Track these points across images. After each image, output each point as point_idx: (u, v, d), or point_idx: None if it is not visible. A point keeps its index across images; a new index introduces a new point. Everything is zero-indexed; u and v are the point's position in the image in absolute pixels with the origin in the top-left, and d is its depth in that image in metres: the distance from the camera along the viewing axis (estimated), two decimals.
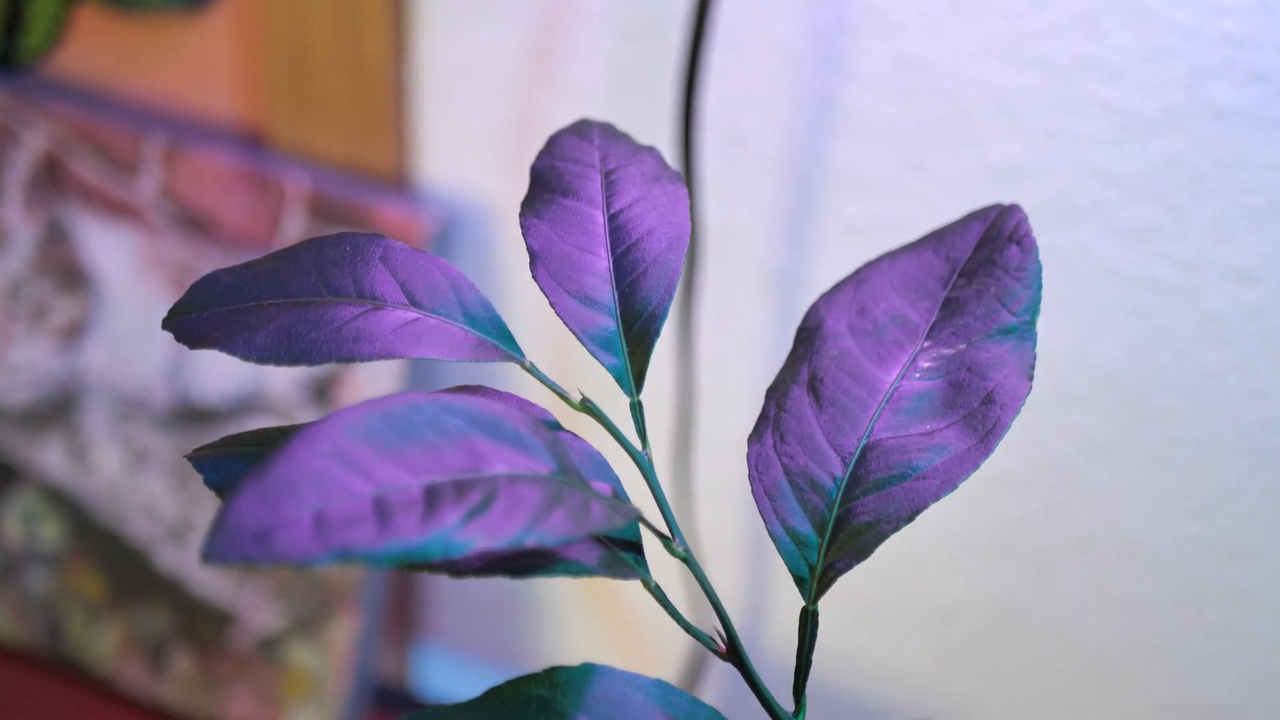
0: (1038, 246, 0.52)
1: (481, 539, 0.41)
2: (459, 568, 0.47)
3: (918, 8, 0.71)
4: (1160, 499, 0.77)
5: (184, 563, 0.91)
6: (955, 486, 0.48)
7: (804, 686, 0.50)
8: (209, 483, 0.48)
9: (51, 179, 0.90)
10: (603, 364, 0.49)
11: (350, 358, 0.47)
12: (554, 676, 0.46)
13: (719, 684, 0.91)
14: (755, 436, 0.51)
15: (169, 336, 0.88)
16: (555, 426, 0.49)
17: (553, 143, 0.54)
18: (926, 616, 0.86)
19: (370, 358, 0.47)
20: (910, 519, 0.48)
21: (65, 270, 0.91)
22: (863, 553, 0.48)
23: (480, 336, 0.48)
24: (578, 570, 0.48)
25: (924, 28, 0.71)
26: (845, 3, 0.72)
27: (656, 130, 0.77)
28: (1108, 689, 0.82)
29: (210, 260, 0.86)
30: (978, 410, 0.49)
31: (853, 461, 0.50)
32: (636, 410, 0.49)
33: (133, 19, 0.88)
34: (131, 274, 0.89)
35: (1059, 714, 0.85)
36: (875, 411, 0.50)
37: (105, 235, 0.89)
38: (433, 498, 0.41)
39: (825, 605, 0.87)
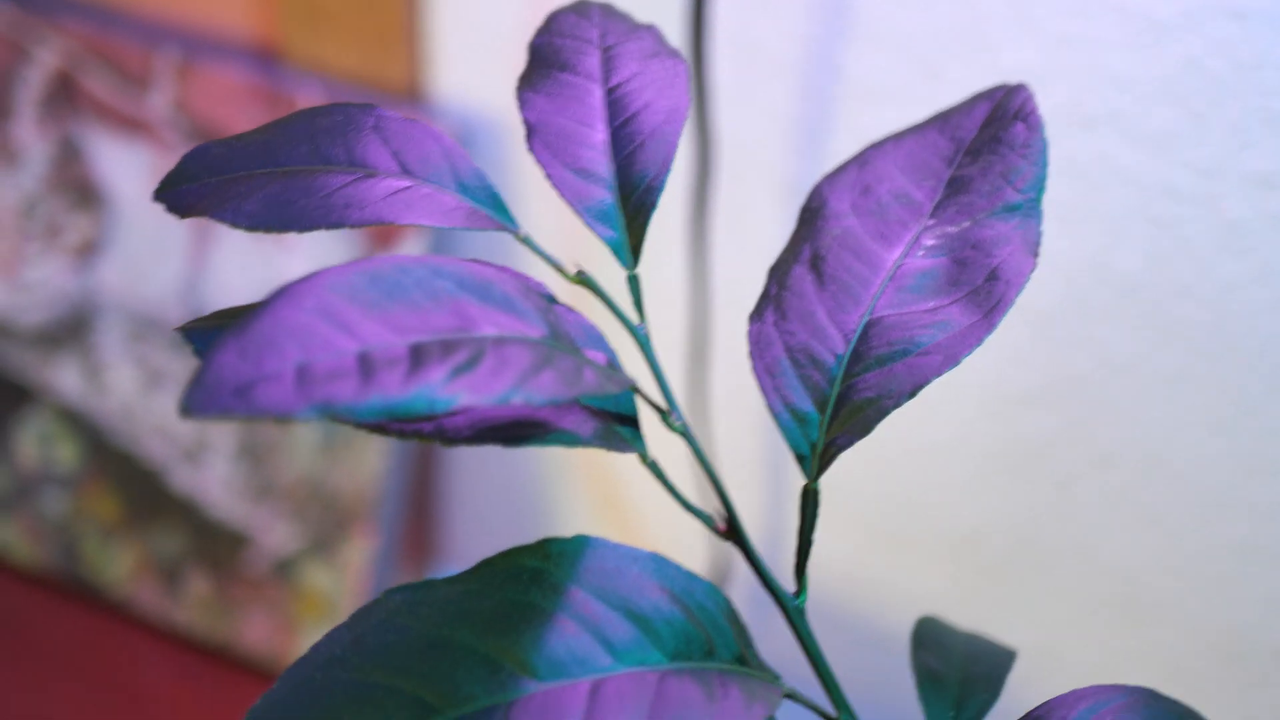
0: (1043, 124, 0.51)
1: (466, 395, 0.40)
2: (449, 435, 0.46)
3: None
4: (1182, 415, 0.76)
5: (199, 484, 0.90)
6: (958, 362, 0.47)
7: (805, 566, 0.49)
8: (199, 354, 0.48)
9: (64, 96, 0.90)
10: (600, 236, 0.48)
11: (339, 223, 0.46)
12: (547, 548, 0.46)
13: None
14: (756, 315, 0.50)
15: (184, 254, 0.88)
16: (550, 299, 0.48)
17: (551, 20, 0.53)
18: (947, 540, 0.85)
19: (360, 224, 0.46)
20: (912, 394, 0.47)
21: (78, 188, 0.90)
22: (864, 428, 0.47)
23: (473, 205, 0.47)
24: (572, 440, 0.47)
25: None
26: None
27: (672, 37, 0.76)
28: (1130, 610, 0.81)
29: None
30: (982, 287, 0.48)
31: (854, 338, 0.49)
32: (634, 283, 0.49)
33: None
34: (144, 191, 0.88)
35: (1082, 636, 0.84)
36: (878, 289, 0.49)
37: (118, 152, 0.89)
38: (418, 355, 0.40)
39: (845, 531, 0.86)
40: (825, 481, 0.85)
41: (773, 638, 0.77)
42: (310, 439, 0.87)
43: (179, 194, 0.49)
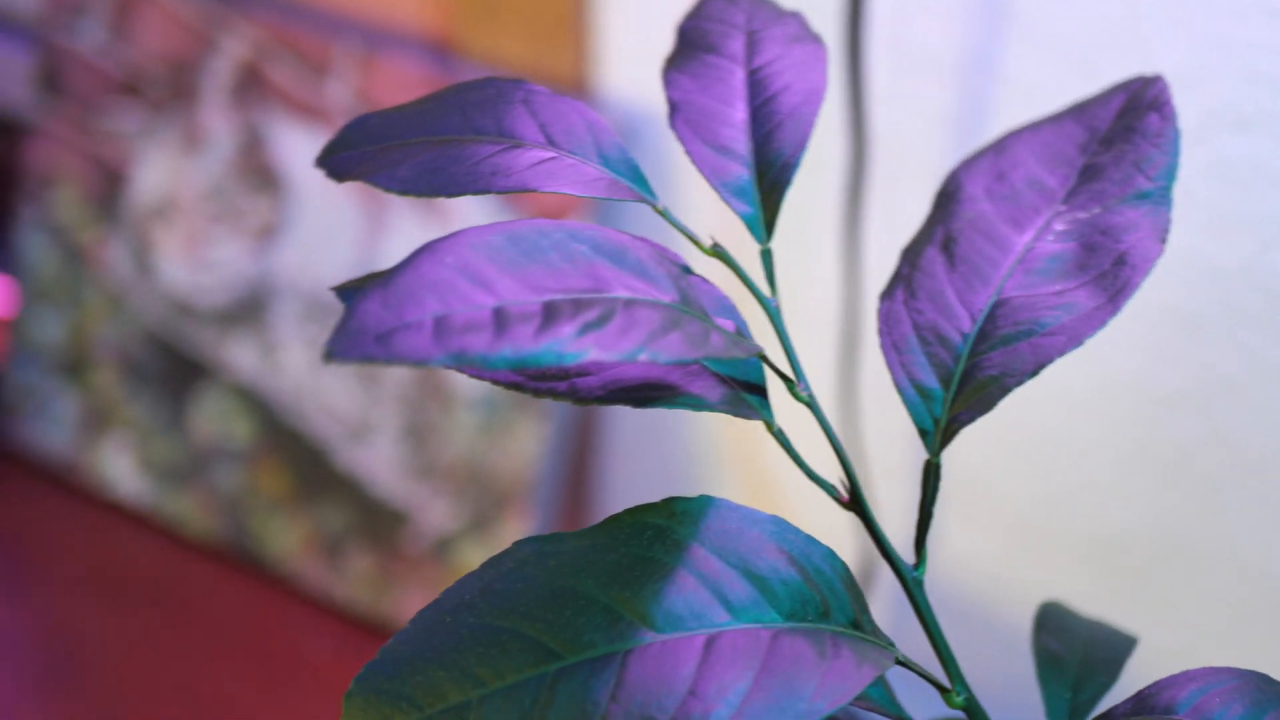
0: (1176, 114, 0.52)
1: (595, 351, 0.42)
2: (581, 394, 0.48)
3: None
4: None
5: (364, 463, 0.93)
6: (1080, 343, 0.48)
7: (924, 539, 0.50)
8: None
9: (250, 84, 0.93)
10: (735, 211, 0.50)
11: (486, 189, 0.48)
12: (672, 506, 0.47)
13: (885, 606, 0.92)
14: (887, 294, 0.52)
15: (356, 240, 0.91)
16: (685, 268, 0.50)
17: (701, 5, 0.55)
18: (1093, 542, 0.85)
19: (505, 190, 0.48)
20: (1034, 373, 0.48)
21: (260, 173, 0.94)
22: (986, 405, 0.48)
23: (614, 177, 0.49)
24: (699, 404, 0.49)
25: None
26: None
27: (825, 38, 0.77)
28: (1279, 617, 0.81)
29: None
30: (1109, 271, 0.49)
31: (981, 318, 0.50)
32: (766, 257, 0.50)
33: None
34: (322, 178, 0.92)
35: (1229, 645, 0.84)
36: (1007, 271, 0.51)
37: (298, 139, 0.92)
38: (550, 312, 0.42)
39: (992, 529, 0.87)
40: (972, 478, 0.86)
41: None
42: (471, 421, 0.90)
43: (338, 160, 0.51)
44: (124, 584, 1.00)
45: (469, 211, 0.87)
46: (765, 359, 0.48)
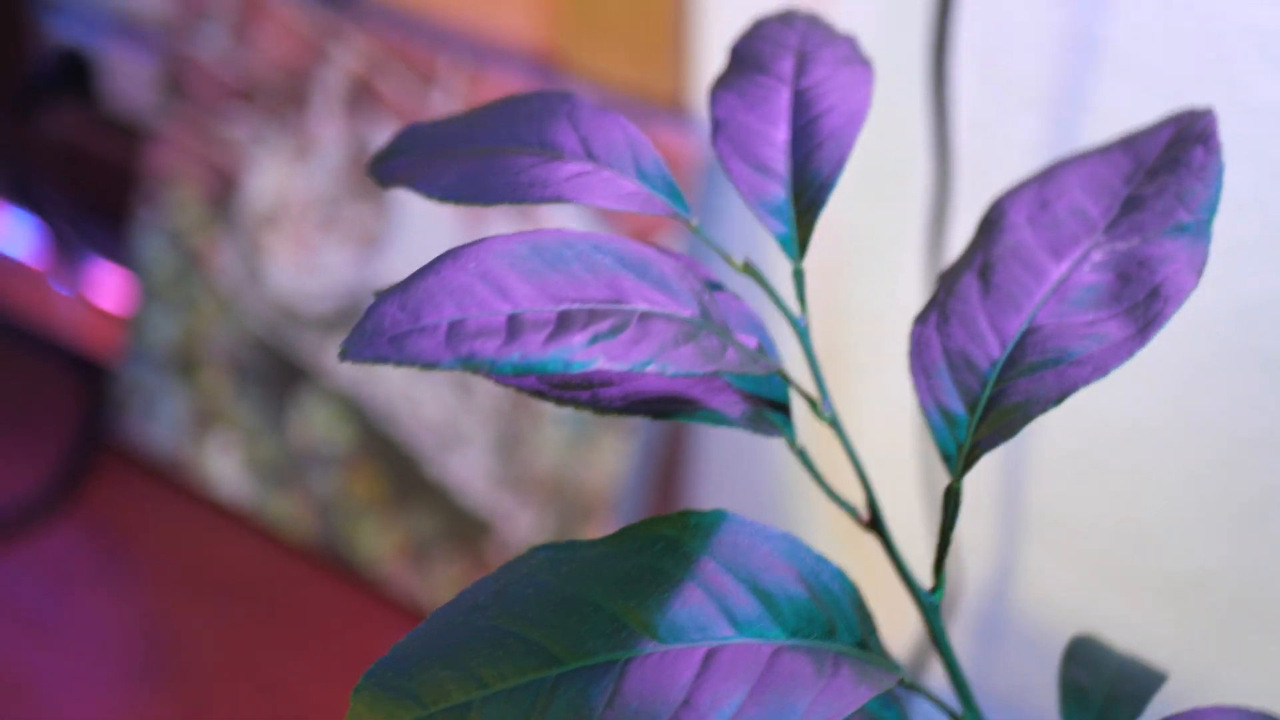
0: (1222, 147, 0.51)
1: (603, 360, 0.42)
2: (603, 404, 0.49)
3: None
4: None
5: (453, 471, 0.95)
6: (1106, 374, 0.48)
7: (943, 563, 0.50)
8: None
9: (359, 94, 0.95)
10: (770, 230, 0.51)
11: (523, 200, 0.49)
12: (685, 519, 0.48)
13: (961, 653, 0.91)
14: (920, 318, 0.52)
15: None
16: (715, 285, 0.50)
17: (756, 25, 0.56)
18: (1175, 582, 0.84)
19: (542, 200, 0.49)
20: (1057, 402, 0.48)
21: (367, 182, 0.96)
22: (1009, 432, 0.48)
23: (650, 191, 0.50)
24: (719, 419, 0.49)
25: None
26: None
27: (915, 65, 0.77)
28: None
29: None
30: (1142, 303, 0.49)
31: (1011, 344, 0.50)
32: (799, 277, 0.51)
33: None
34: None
35: None
36: (1041, 299, 0.51)
37: None
38: (564, 320, 0.43)
39: (1075, 566, 0.86)
40: (1056, 512, 0.86)
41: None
42: (559, 435, 0.91)
43: (388, 166, 0.52)
44: (220, 581, 1.02)
45: (563, 222, 0.88)
46: (786, 376, 0.48)
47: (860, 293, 0.86)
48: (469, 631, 0.47)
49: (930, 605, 0.50)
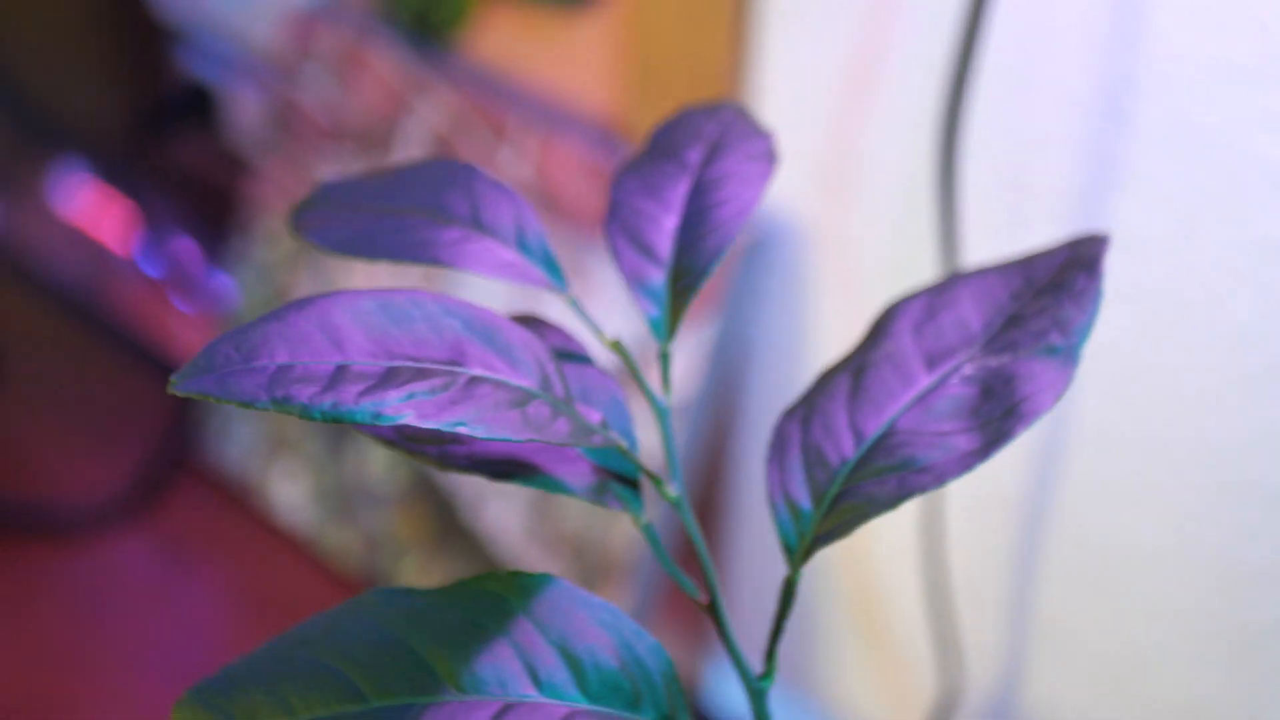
0: (1103, 275, 0.52)
1: (412, 416, 0.45)
2: (448, 461, 0.51)
3: (1202, 71, 0.70)
4: None
5: (490, 522, 0.97)
6: (944, 483, 0.49)
7: (775, 650, 0.51)
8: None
9: (439, 149, 0.98)
10: (643, 311, 0.52)
11: (408, 259, 0.52)
12: (515, 579, 0.50)
13: None
14: (788, 412, 0.53)
15: (508, 301, 0.95)
16: (579, 358, 0.52)
17: (681, 113, 0.58)
18: (1171, 708, 0.84)
19: (424, 262, 0.51)
20: (892, 506, 0.49)
21: None
22: (845, 531, 0.49)
23: (527, 262, 0.52)
24: (557, 487, 0.51)
25: (1205, 94, 0.71)
26: (1135, 61, 0.72)
27: (925, 165, 0.78)
28: None
29: (558, 236, 0.93)
30: (996, 419, 0.50)
31: (865, 446, 0.51)
32: (665, 359, 0.52)
33: (529, 9, 0.95)
34: None
35: None
36: (904, 406, 0.51)
37: None
38: (388, 376, 0.45)
39: (1077, 679, 0.86)
40: (1064, 625, 0.85)
41: None
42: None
43: (300, 216, 0.55)
44: (273, 602, 1.06)
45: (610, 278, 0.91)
46: (626, 453, 0.50)
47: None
48: (292, 661, 0.49)
49: (757, 690, 0.52)
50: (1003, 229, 0.79)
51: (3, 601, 1.04)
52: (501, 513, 0.97)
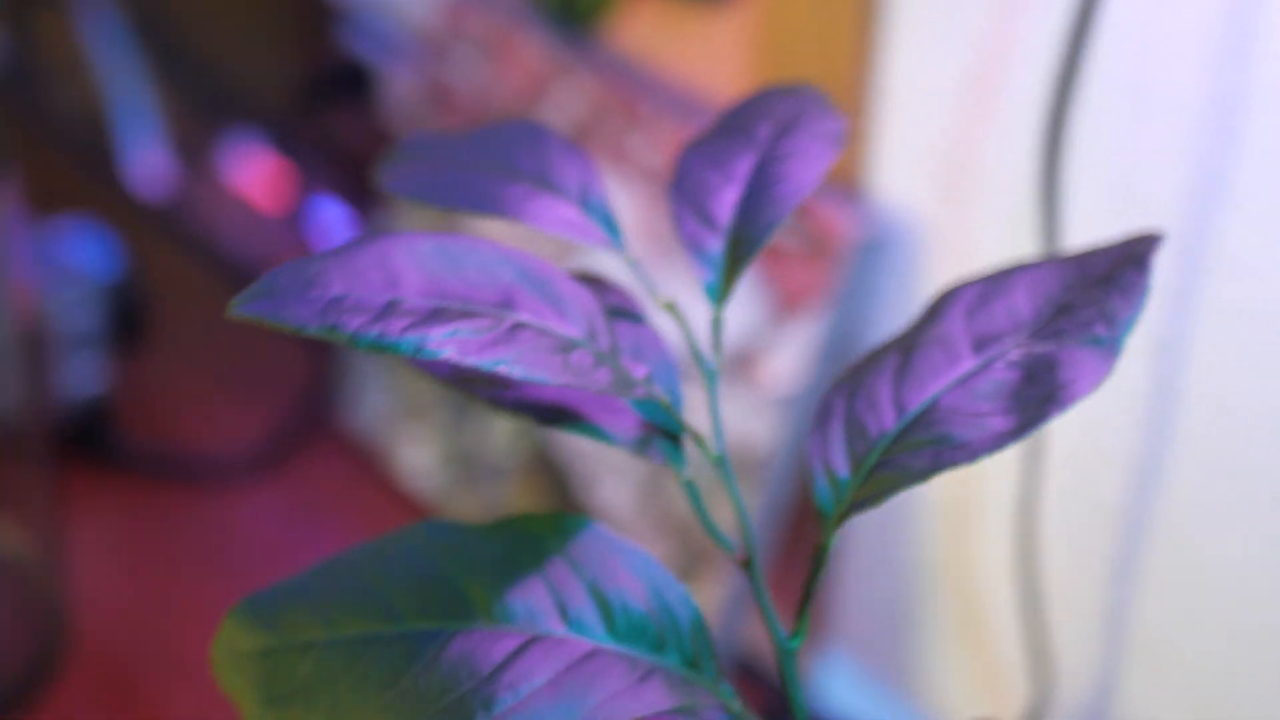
0: (1152, 271, 0.53)
1: (452, 352, 0.47)
2: (496, 403, 0.53)
3: None
4: None
5: (602, 500, 0.99)
6: (975, 460, 0.50)
7: (806, 612, 0.53)
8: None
9: (578, 134, 1.01)
10: (700, 278, 0.54)
11: (476, 211, 0.54)
12: (556, 520, 0.52)
13: None
14: (835, 385, 0.55)
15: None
16: (633, 317, 0.54)
17: (759, 93, 0.59)
18: None
19: (488, 214, 0.54)
20: (924, 479, 0.50)
21: None
22: (877, 500, 0.51)
23: (588, 220, 0.54)
24: (601, 435, 0.53)
25: None
26: (1247, 75, 0.72)
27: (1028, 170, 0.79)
28: None
29: None
30: (1034, 403, 0.51)
31: (905, 420, 0.52)
32: (717, 324, 0.54)
33: (670, 2, 0.98)
34: (634, 234, 0.98)
35: None
36: (947, 386, 0.53)
37: (622, 196, 0.99)
38: (435, 314, 0.48)
39: (1174, 699, 0.86)
40: (1162, 642, 0.85)
41: None
42: (701, 480, 0.95)
43: (385, 168, 0.58)
44: None
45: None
46: (667, 407, 0.52)
47: None
48: (338, 581, 0.51)
49: (786, 651, 0.53)
50: (1097, 232, 0.80)
51: (140, 540, 1.09)
52: (614, 491, 0.99)
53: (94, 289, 1.11)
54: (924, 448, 0.51)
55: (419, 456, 1.11)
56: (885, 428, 0.53)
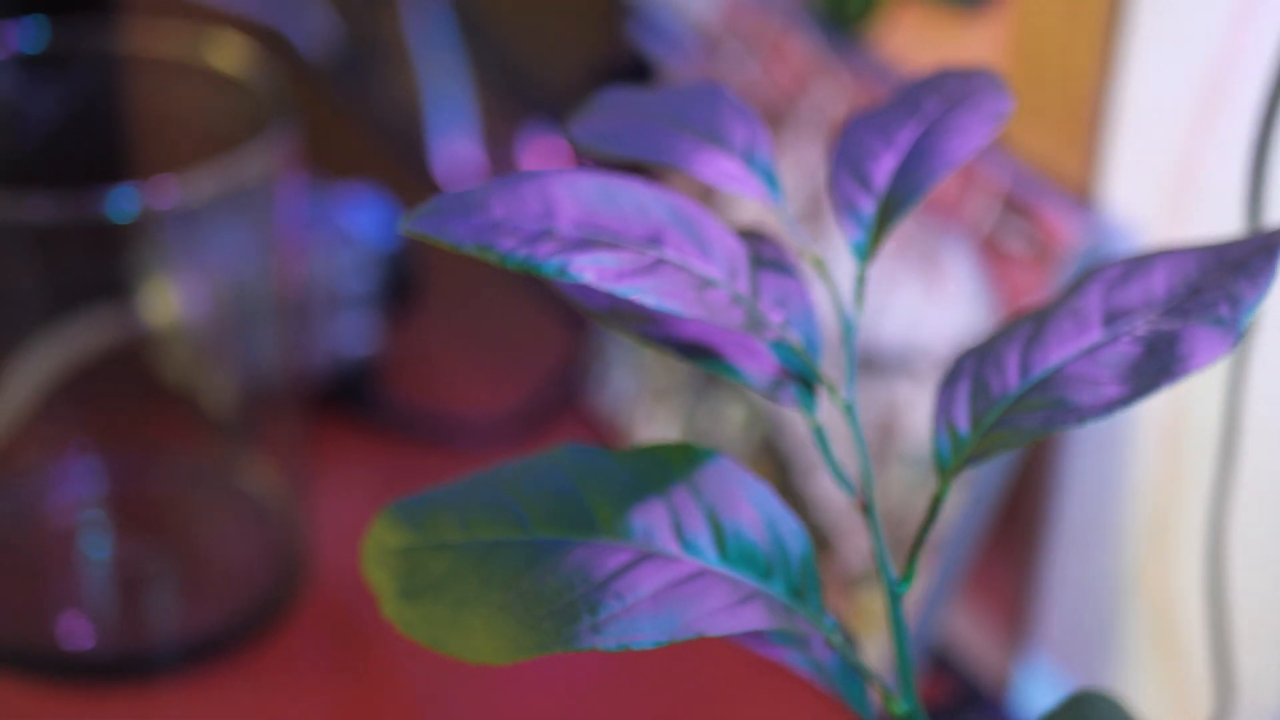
0: (1279, 259, 0.54)
1: (591, 277, 0.51)
2: (643, 337, 0.57)
3: None
4: None
5: (818, 488, 1.02)
6: (1084, 424, 0.52)
7: (916, 556, 0.55)
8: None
9: (829, 131, 1.04)
10: (847, 236, 0.57)
11: (642, 158, 0.58)
12: (685, 450, 0.55)
13: None
14: (969, 349, 0.57)
15: (912, 304, 1.00)
16: (784, 269, 0.58)
17: (936, 72, 0.62)
18: None
19: (658, 163, 0.58)
20: (1035, 438, 0.53)
21: (817, 219, 1.05)
22: (989, 455, 0.54)
23: (749, 174, 0.57)
24: (735, 375, 0.57)
25: None
26: None
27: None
28: None
29: (920, 232, 0.97)
30: (1149, 374, 0.53)
31: (1028, 383, 0.55)
32: (860, 281, 0.57)
33: (932, 7, 1.01)
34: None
35: None
36: (1072, 354, 0.55)
37: None
38: (584, 243, 0.52)
39: None
40: None
41: None
42: (908, 477, 0.97)
43: (575, 118, 0.62)
44: None
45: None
46: (799, 352, 0.55)
47: None
48: (480, 492, 0.56)
49: (894, 593, 0.56)
50: None
51: (387, 495, 1.14)
52: (830, 482, 1.01)
53: (372, 255, 1.18)
54: (1039, 409, 0.54)
55: (658, 436, 1.15)
56: (1008, 389, 0.55)
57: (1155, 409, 0.92)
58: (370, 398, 1.19)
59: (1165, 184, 0.88)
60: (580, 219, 0.53)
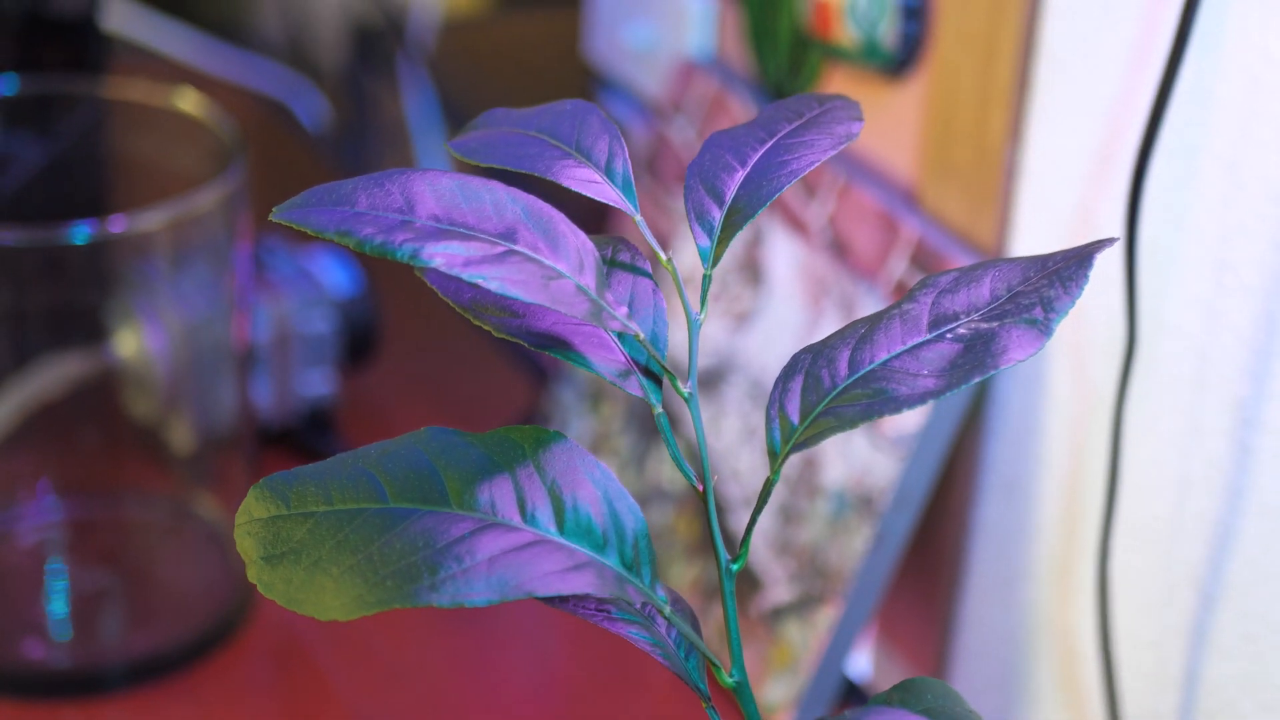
0: (1092, 266, 0.58)
1: (440, 263, 0.55)
2: (501, 329, 0.61)
3: None
4: None
5: (742, 524, 1.06)
6: (899, 412, 0.56)
7: (749, 539, 0.59)
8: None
9: None
10: (697, 242, 0.62)
11: (515, 168, 0.63)
12: (534, 433, 0.59)
13: None
14: (808, 347, 0.61)
15: (797, 333, 1.04)
16: (637, 270, 0.62)
17: (795, 96, 0.67)
18: None
19: (527, 171, 0.62)
20: (854, 425, 0.57)
21: (753, 268, 1.09)
22: (813, 442, 0.58)
23: (608, 184, 0.62)
24: (585, 364, 0.61)
25: None
26: None
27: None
28: None
29: (841, 281, 1.02)
30: (962, 368, 0.57)
31: (854, 376, 0.59)
32: (706, 280, 0.61)
33: (861, 76, 1.05)
34: (791, 280, 1.06)
35: None
36: (897, 352, 0.59)
37: (784, 245, 1.07)
38: (438, 234, 0.56)
39: None
40: (1237, 712, 0.88)
41: None
42: (825, 511, 1.01)
43: (460, 132, 0.67)
44: None
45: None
46: (643, 343, 0.59)
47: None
48: (345, 468, 0.60)
49: (727, 570, 0.60)
50: (1197, 299, 0.84)
51: None
52: (761, 523, 1.05)
53: (332, 300, 1.23)
54: (861, 400, 0.58)
55: None
56: (837, 382, 0.59)
57: (1056, 454, 0.95)
58: (323, 439, 1.23)
59: (1065, 235, 0.92)
60: (439, 213, 0.57)
